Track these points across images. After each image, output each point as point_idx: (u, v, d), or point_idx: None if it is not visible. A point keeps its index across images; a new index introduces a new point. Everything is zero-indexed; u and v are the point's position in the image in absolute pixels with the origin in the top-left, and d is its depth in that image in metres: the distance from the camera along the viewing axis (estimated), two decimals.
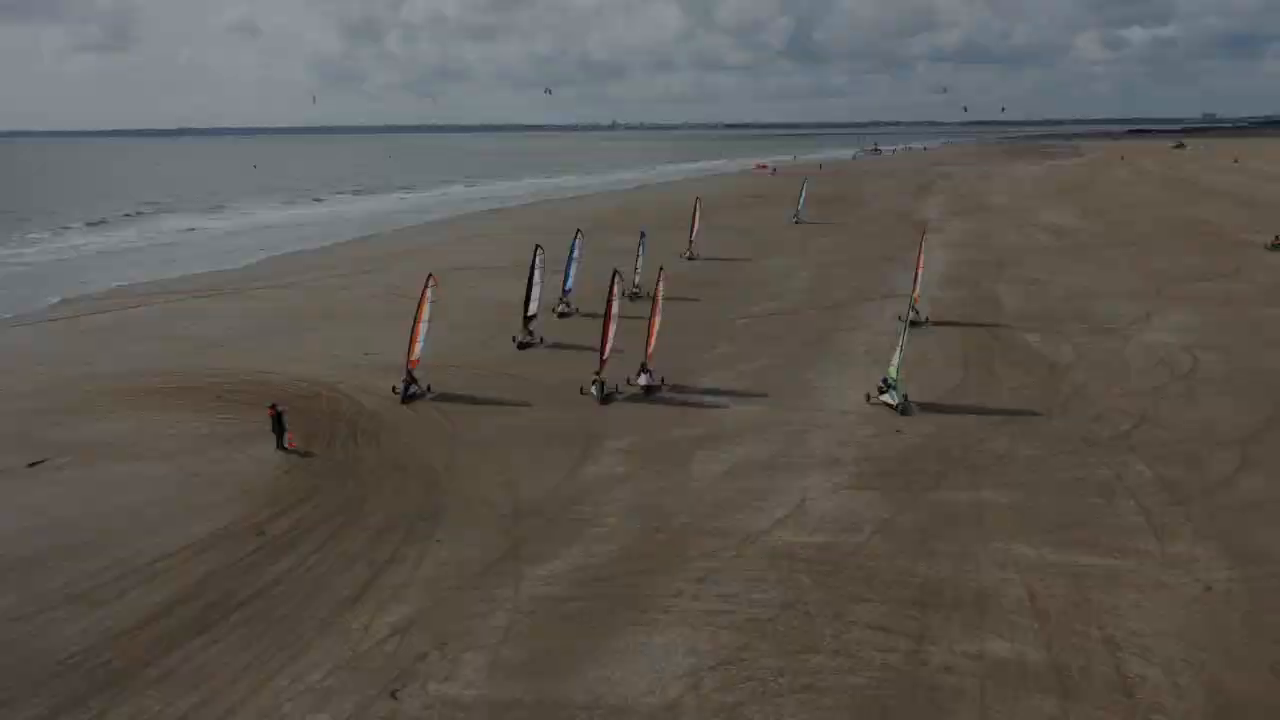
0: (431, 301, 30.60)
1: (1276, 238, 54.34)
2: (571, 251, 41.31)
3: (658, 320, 29.76)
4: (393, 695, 13.74)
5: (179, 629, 15.76)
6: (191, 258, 64.42)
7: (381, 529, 19.56)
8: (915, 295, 36.29)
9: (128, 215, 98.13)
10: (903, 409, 26.21)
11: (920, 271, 37.13)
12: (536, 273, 36.43)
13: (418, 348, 29.86)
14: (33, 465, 23.65)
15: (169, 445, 25.00)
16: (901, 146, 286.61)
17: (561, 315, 39.63)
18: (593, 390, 28.20)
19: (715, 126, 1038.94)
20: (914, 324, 33.56)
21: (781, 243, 64.32)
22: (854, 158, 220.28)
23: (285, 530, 19.54)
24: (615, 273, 30.59)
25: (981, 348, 33.89)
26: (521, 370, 31.94)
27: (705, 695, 13.56)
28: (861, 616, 15.59)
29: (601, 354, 28.91)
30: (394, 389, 28.83)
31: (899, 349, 27.66)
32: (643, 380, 28.55)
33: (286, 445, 24.43)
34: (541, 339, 35.47)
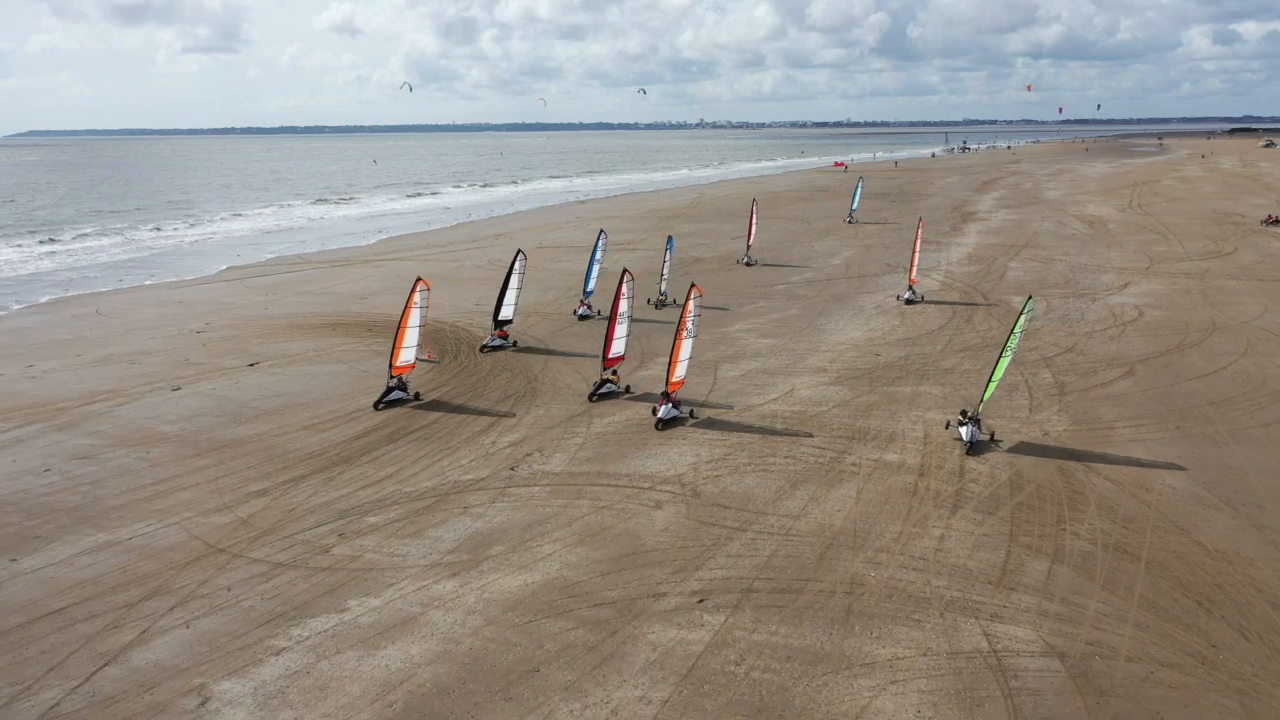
0: (421, 307, 28.79)
1: (1270, 216, 60.02)
2: (594, 252, 41.11)
3: (685, 343, 26.18)
4: (511, 469, 22.72)
5: (375, 442, 25.01)
6: (324, 237, 75.58)
7: (497, 400, 28.66)
8: (912, 278, 43.46)
9: (264, 204, 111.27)
10: (972, 444, 23.00)
11: (916, 256, 43.94)
12: (515, 277, 35.55)
13: (402, 355, 28.37)
14: (251, 365, 33.49)
15: (339, 355, 34.59)
16: (987, 145, 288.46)
17: (581, 318, 39.63)
18: (598, 394, 28.30)
19: (803, 125, 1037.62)
20: (909, 302, 41.18)
21: (832, 229, 72.09)
22: (933, 156, 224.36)
23: (434, 401, 28.78)
24: (625, 271, 29.58)
25: (970, 304, 41.62)
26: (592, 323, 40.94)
27: (699, 471, 22.20)
28: (809, 442, 24.03)
29: (605, 354, 28.47)
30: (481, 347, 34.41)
31: (993, 378, 24.38)
32: (661, 412, 25.54)
33: (425, 357, 33.77)
34: (515, 343, 35.17)
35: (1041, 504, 19.89)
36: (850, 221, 75.08)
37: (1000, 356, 24.29)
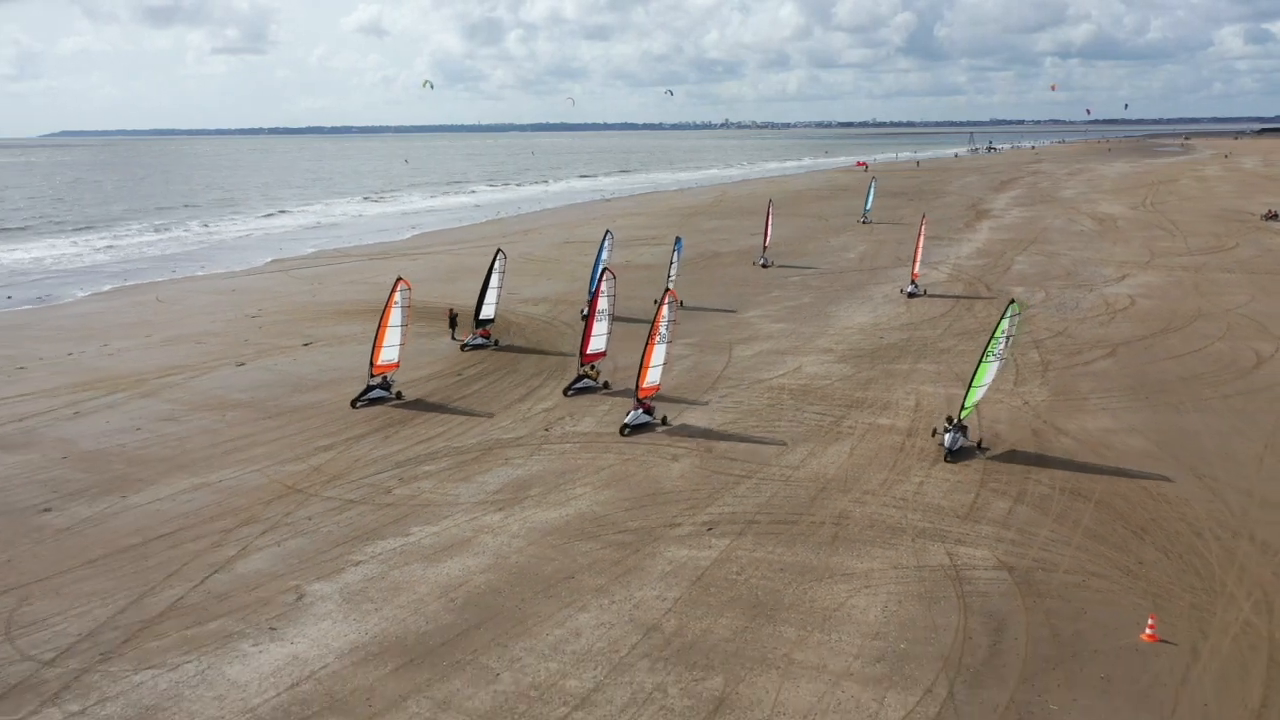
0: (402, 306, 28.48)
1: (1270, 211, 61.98)
2: (600, 252, 40.98)
3: (657, 348, 25.62)
4: (546, 429, 25.66)
5: (427, 407, 28.01)
6: (361, 233, 79.05)
7: (531, 374, 31.63)
8: (915, 272, 45.83)
9: (302, 202, 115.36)
10: (951, 451, 22.58)
11: (919, 252, 46.12)
12: (495, 276, 35.60)
13: (382, 354, 28.46)
14: (306, 345, 36.66)
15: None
16: (1011, 145, 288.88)
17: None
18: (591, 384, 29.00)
19: (829, 125, 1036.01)
20: (911, 295, 43.57)
21: (849, 225, 74.62)
22: (955, 156, 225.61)
23: (474, 375, 31.78)
24: (606, 269, 29.96)
25: (973, 295, 44.19)
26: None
27: (712, 430, 25.05)
28: (812, 409, 26.82)
29: (582, 351, 29.02)
30: (459, 341, 34.91)
31: (974, 383, 23.39)
32: (629, 418, 25.18)
33: (461, 338, 36.82)
34: (496, 341, 35.39)
35: (1012, 458, 22.60)
36: (864, 222, 75.73)
37: (980, 361, 23.21)
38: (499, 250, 37.74)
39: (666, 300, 25.69)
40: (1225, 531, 18.31)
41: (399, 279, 28.96)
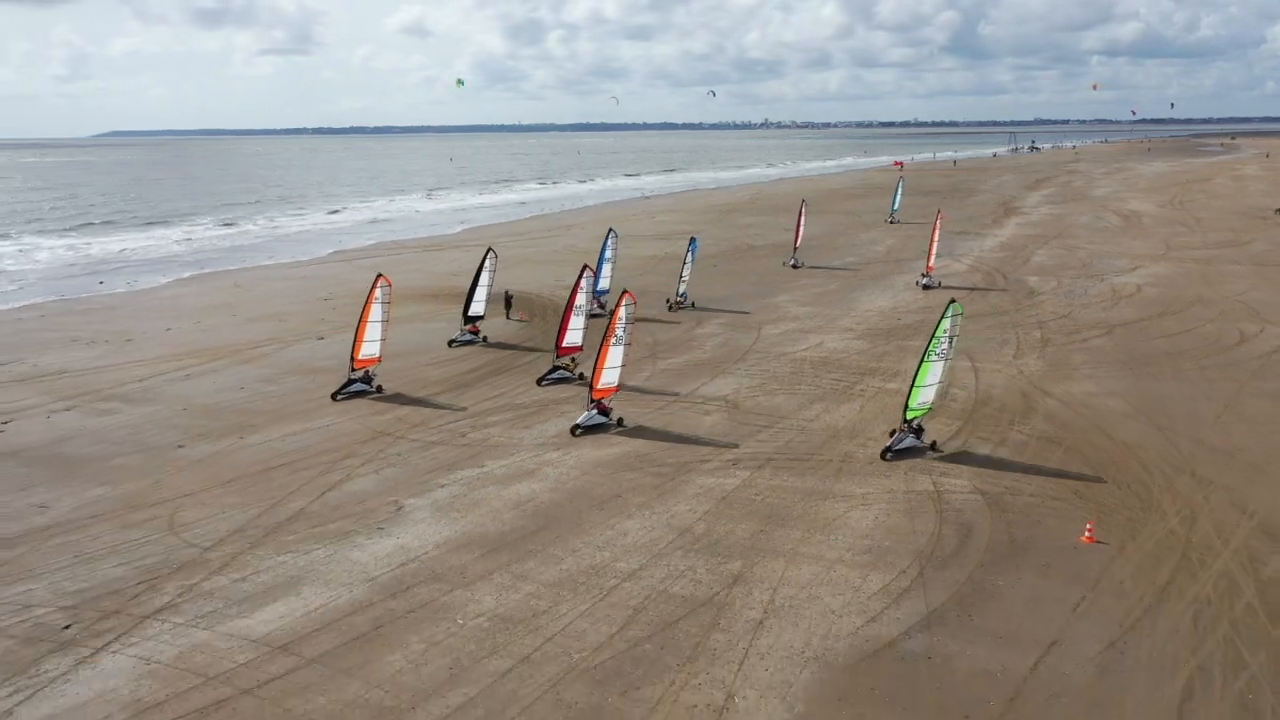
0: (383, 303, 29.18)
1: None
2: (604, 251, 41.56)
3: (612, 350, 25.35)
4: (580, 377, 29.37)
5: (486, 374, 31.85)
6: (414, 227, 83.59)
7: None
8: (930, 265, 48.80)
9: (358, 198, 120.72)
10: (894, 448, 22.69)
11: (934, 245, 49.08)
12: (485, 275, 36.22)
13: (363, 348, 29.03)
14: None
15: (444, 317, 41.54)
16: (1052, 145, 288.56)
17: (593, 316, 36.78)
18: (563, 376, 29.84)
19: (869, 125, 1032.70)
20: (926, 288, 46.51)
21: (877, 223, 77.66)
22: (994, 156, 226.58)
23: (527, 349, 35.61)
24: (585, 267, 30.15)
25: (991, 283, 47.30)
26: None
27: (740, 393, 28.66)
28: (829, 376, 30.31)
29: (558, 344, 30.08)
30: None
31: (916, 382, 23.01)
32: (581, 419, 25.34)
33: (517, 317, 40.70)
34: (485, 338, 35.82)
35: (1000, 414, 25.96)
36: (891, 222, 76.03)
37: (922, 361, 23.10)
38: (489, 249, 37.91)
39: (623, 302, 25.41)
40: (1171, 469, 21.60)
41: (379, 275, 29.86)
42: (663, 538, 18.60)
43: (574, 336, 30.02)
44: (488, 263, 36.63)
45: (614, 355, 25.49)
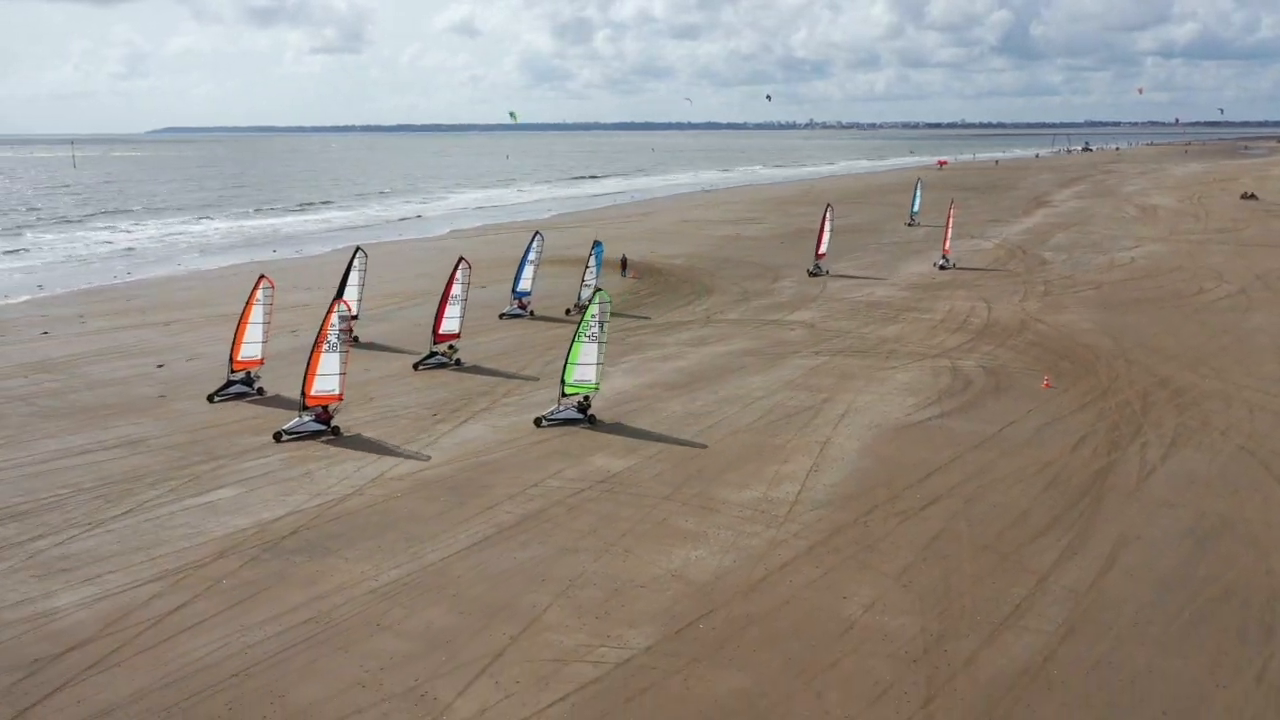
0: (264, 304, 28.26)
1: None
2: (526, 253, 43.09)
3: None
4: (707, 317, 40.30)
5: (619, 306, 42.88)
6: (508, 213, 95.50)
7: (688, 295, 46.31)
8: (946, 248, 58.48)
9: (446, 190, 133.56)
10: (549, 417, 25.65)
11: (949, 231, 58.68)
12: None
13: (243, 349, 28.10)
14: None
15: (566, 275, 52.68)
16: (1097, 147, 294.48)
17: (512, 316, 42.28)
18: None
19: (915, 126, 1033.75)
20: (942, 269, 56.22)
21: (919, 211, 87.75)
22: (1036, 156, 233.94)
23: (646, 294, 46.59)
24: (461, 259, 33.04)
25: (1011, 255, 57.54)
26: (741, 256, 58.21)
27: (815, 319, 39.47)
28: (879, 311, 41.00)
29: (435, 330, 32.49)
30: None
31: (569, 360, 26.41)
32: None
33: (630, 276, 51.69)
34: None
35: (1002, 332, 36.49)
36: (911, 225, 75.90)
37: (573, 342, 25.57)
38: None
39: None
40: (1111, 356, 32.08)
41: (261, 276, 29.05)
42: (775, 386, 29.48)
43: (450, 324, 32.62)
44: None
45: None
